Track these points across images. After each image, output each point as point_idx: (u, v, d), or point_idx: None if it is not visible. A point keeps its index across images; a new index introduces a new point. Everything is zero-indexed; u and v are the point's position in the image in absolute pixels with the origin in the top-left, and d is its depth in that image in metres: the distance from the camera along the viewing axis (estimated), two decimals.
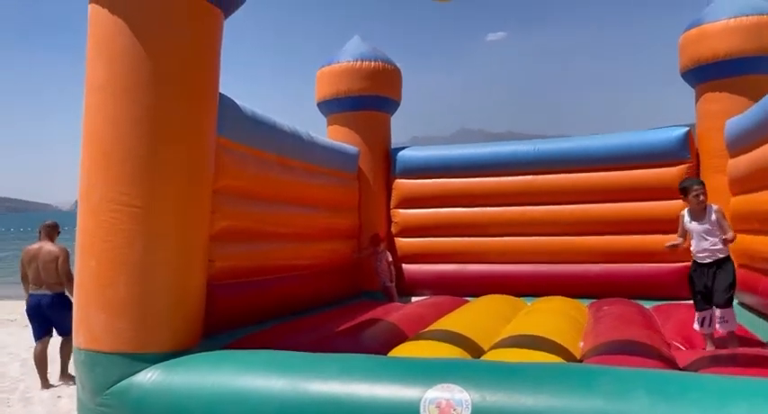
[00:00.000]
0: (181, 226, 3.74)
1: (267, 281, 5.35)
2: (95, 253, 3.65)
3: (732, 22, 6.23)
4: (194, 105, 3.81)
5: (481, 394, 2.91)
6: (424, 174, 7.66)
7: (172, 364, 3.54)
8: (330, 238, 6.69)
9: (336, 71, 7.60)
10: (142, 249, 3.59)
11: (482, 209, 7.41)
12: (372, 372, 3.23)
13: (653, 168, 6.72)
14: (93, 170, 3.71)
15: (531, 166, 7.20)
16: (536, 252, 7.17)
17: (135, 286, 3.58)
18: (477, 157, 7.47)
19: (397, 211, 7.73)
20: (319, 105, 7.92)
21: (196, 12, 3.78)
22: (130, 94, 3.63)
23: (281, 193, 5.50)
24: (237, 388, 3.29)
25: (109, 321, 3.58)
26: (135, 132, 3.62)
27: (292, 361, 3.45)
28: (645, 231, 6.73)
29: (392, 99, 7.89)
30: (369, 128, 7.72)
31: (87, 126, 3.79)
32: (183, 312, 3.77)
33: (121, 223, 3.58)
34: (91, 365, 3.59)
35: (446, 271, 7.47)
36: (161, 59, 3.66)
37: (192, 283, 3.85)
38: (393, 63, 7.88)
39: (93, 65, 3.77)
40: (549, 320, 5.02)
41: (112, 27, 3.67)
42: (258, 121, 5.05)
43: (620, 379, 2.90)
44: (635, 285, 6.65)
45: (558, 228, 7.12)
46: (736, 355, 3.98)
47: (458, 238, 7.48)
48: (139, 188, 3.61)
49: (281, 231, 5.56)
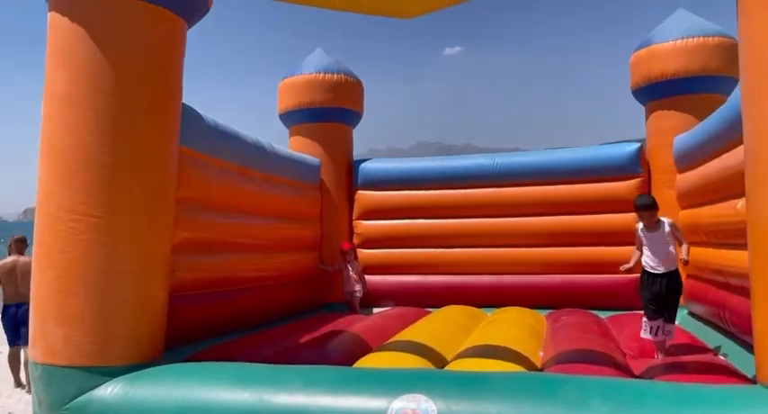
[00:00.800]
0: (142, 236, 3.69)
1: (229, 292, 5.30)
2: (54, 264, 3.57)
3: (679, 42, 6.51)
4: (156, 114, 3.78)
5: (446, 404, 2.97)
6: (386, 185, 7.72)
7: (134, 377, 3.48)
8: (292, 249, 6.68)
9: (299, 83, 7.62)
10: (102, 260, 3.54)
11: (443, 221, 7.51)
12: (338, 383, 3.25)
13: (607, 182, 6.95)
14: (52, 180, 3.64)
15: (491, 179, 7.35)
16: (496, 263, 7.30)
17: (94, 297, 3.51)
18: (439, 170, 7.58)
19: (359, 223, 7.77)
20: (281, 116, 7.92)
21: (159, 21, 3.77)
22: (90, 104, 3.59)
23: (243, 203, 5.47)
24: (203, 401, 3.26)
25: (67, 334, 3.50)
26: (95, 142, 3.58)
27: (258, 373, 3.43)
28: (600, 243, 6.94)
29: (354, 111, 7.95)
30: (331, 139, 7.75)
31: (46, 135, 3.72)
32: (145, 324, 3.71)
33: (80, 233, 3.52)
34: (48, 380, 3.50)
35: (408, 282, 7.53)
36: (122, 69, 3.63)
37: (154, 295, 3.80)
38: (355, 76, 7.96)
39: (53, 74, 3.71)
40: (510, 331, 5.12)
41: (72, 36, 3.63)
42: (220, 131, 5.03)
43: (580, 387, 2.99)
44: (591, 296, 6.83)
45: (516, 239, 7.27)
46: (688, 362, 4.15)
47: (419, 250, 7.56)
48: (99, 198, 3.55)
49: (244, 242, 5.53)
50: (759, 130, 2.85)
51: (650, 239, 4.58)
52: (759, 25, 2.84)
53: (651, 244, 4.57)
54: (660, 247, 4.53)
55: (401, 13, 4.32)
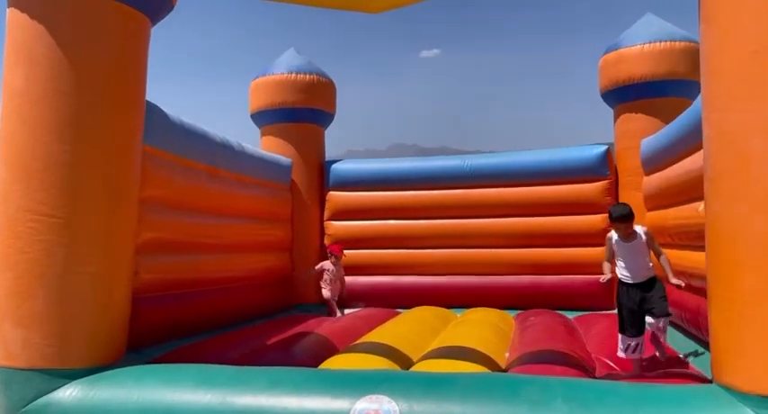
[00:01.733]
0: (104, 237, 3.62)
1: (196, 293, 5.23)
2: (11, 265, 3.48)
3: (647, 46, 6.62)
4: (118, 113, 3.70)
5: (409, 404, 2.96)
6: (357, 186, 7.72)
7: (93, 380, 3.41)
8: (262, 249, 6.63)
9: (271, 83, 7.58)
10: (62, 261, 3.45)
11: (414, 221, 7.53)
12: (301, 384, 3.22)
13: (575, 184, 7.03)
14: (10, 179, 3.54)
15: (462, 181, 7.39)
16: (466, 264, 7.35)
17: (54, 299, 3.43)
18: (410, 171, 7.60)
19: (330, 224, 7.74)
20: (253, 116, 7.86)
21: (121, 18, 3.69)
22: (50, 102, 3.50)
23: (210, 203, 5.41)
24: (165, 402, 3.21)
25: (26, 336, 3.42)
26: (55, 141, 3.49)
27: (220, 374, 3.39)
28: (568, 244, 7.02)
29: (326, 112, 7.93)
30: (303, 140, 7.72)
31: (4, 133, 3.62)
32: (106, 326, 3.64)
33: (40, 234, 3.44)
34: (6, 383, 3.41)
35: (379, 283, 7.53)
36: (83, 66, 3.54)
37: (116, 296, 3.73)
38: (327, 76, 7.93)
39: (12, 70, 3.62)
40: (477, 331, 5.15)
41: (32, 32, 3.54)
42: (186, 130, 4.97)
43: (543, 387, 3.01)
44: (559, 296, 6.91)
45: (486, 240, 7.32)
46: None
47: (390, 251, 7.58)
48: (60, 198, 3.47)
49: (211, 242, 5.47)
50: (718, 135, 2.90)
51: (625, 250, 4.29)
52: (718, 31, 2.89)
53: (626, 255, 4.28)
54: (636, 258, 4.25)
55: (368, 8, 4.30)
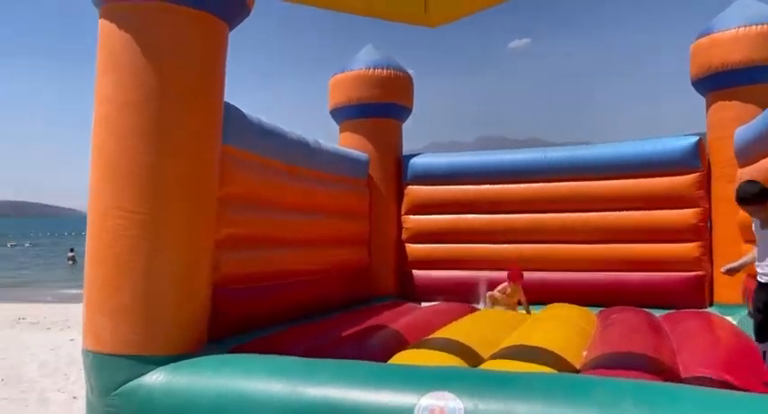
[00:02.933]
0: (185, 233, 3.84)
1: (274, 286, 5.42)
2: (102, 259, 3.77)
3: (742, 30, 6.20)
4: (199, 116, 3.91)
5: (474, 402, 2.96)
6: (434, 180, 7.72)
7: (176, 367, 3.63)
8: (339, 243, 6.77)
9: (348, 79, 7.70)
10: (147, 255, 3.70)
11: (492, 216, 7.44)
12: (367, 378, 3.29)
13: (664, 177, 6.70)
14: (100, 179, 3.83)
15: (542, 174, 7.23)
16: (547, 260, 7.18)
17: (139, 291, 3.69)
18: (488, 164, 7.52)
19: (407, 218, 7.79)
20: (332, 113, 8.02)
21: (200, 25, 3.89)
22: (136, 107, 3.75)
23: (287, 199, 5.59)
24: (238, 391, 3.37)
25: (114, 325, 3.69)
26: (140, 143, 3.74)
27: (291, 366, 3.52)
28: (656, 240, 6.71)
29: (403, 106, 7.96)
30: (380, 135, 7.80)
31: (95, 137, 3.91)
32: (188, 316, 3.86)
33: (126, 230, 3.69)
34: (99, 367, 3.71)
35: (457, 277, 7.51)
36: (166, 72, 3.77)
37: (197, 288, 3.95)
38: (405, 70, 7.96)
39: (102, 78, 3.90)
40: (555, 329, 5.03)
41: (120, 42, 3.80)
42: (264, 130, 5.15)
43: (613, 389, 2.92)
44: (645, 294, 6.62)
45: (567, 235, 7.12)
46: None
47: (468, 245, 7.53)
48: (144, 196, 3.72)
49: (288, 237, 5.64)
50: None
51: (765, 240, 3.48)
52: None
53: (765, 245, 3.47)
54: None
55: (425, 21, 4.26)
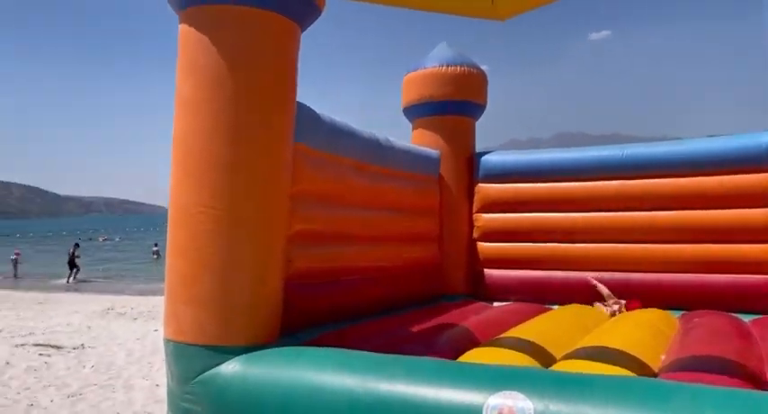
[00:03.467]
0: (260, 228, 3.97)
1: (344, 282, 5.49)
2: (183, 252, 3.94)
3: None
4: (272, 115, 4.03)
5: (545, 404, 2.90)
6: (507, 178, 7.58)
7: (250, 358, 3.75)
8: (410, 241, 6.77)
9: (422, 77, 7.68)
10: (224, 249, 3.84)
11: (567, 214, 7.24)
12: (437, 375, 3.28)
13: (753, 173, 6.32)
14: (181, 176, 4.01)
15: (619, 171, 6.96)
16: (623, 260, 6.91)
17: (217, 283, 3.83)
18: (562, 162, 7.32)
19: (479, 216, 7.70)
20: (405, 111, 8.03)
21: (274, 27, 3.99)
22: (213, 108, 3.90)
23: (358, 196, 5.64)
24: (310, 383, 3.45)
25: (194, 316, 3.85)
26: (217, 142, 3.89)
27: (362, 360, 3.56)
28: (745, 240, 6.34)
29: (477, 103, 7.87)
30: (453, 132, 7.74)
31: (176, 136, 4.10)
32: (262, 308, 3.99)
33: (205, 225, 3.85)
34: (179, 356, 3.88)
35: (529, 277, 7.36)
36: (242, 74, 3.90)
37: (271, 282, 4.07)
38: (478, 67, 7.87)
39: (182, 80, 4.08)
40: (632, 332, 4.84)
41: (199, 45, 3.96)
42: (335, 128, 5.23)
43: (691, 396, 2.79)
44: (733, 297, 6.27)
45: (646, 235, 6.84)
46: None
47: (542, 244, 7.36)
48: (222, 193, 3.87)
49: (359, 234, 5.70)
50: None
51: None
52: None
53: None
54: None
55: (494, 14, 4.18)
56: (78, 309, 14.86)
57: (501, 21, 4.17)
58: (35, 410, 5.98)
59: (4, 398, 6.42)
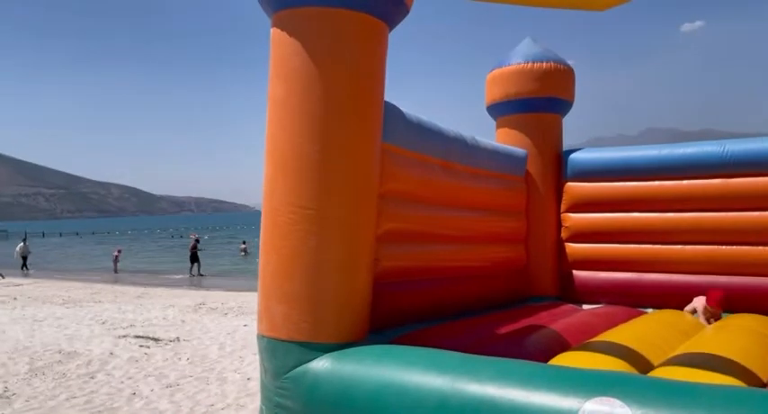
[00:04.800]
0: (349, 227, 4.03)
1: (431, 281, 5.49)
2: (276, 249, 4.06)
3: None
4: (361, 115, 4.08)
5: (644, 411, 2.78)
6: (597, 176, 7.33)
7: (341, 355, 3.82)
8: (496, 241, 6.69)
9: (506, 74, 7.56)
10: (315, 248, 3.93)
11: (661, 214, 6.92)
12: (529, 378, 3.22)
13: None
14: (273, 176, 4.13)
15: (719, 169, 6.57)
16: (722, 262, 6.53)
17: (309, 281, 3.93)
18: (656, 159, 6.99)
19: (567, 216, 7.49)
20: (489, 108, 7.93)
21: (363, 28, 4.05)
22: (304, 108, 4.00)
23: (444, 196, 5.62)
24: (399, 381, 3.47)
25: (286, 312, 3.97)
26: (308, 142, 3.99)
27: (451, 360, 3.55)
28: None
29: (564, 100, 7.65)
30: (539, 130, 7.57)
31: (269, 137, 4.23)
32: (352, 306, 4.05)
33: (297, 224, 3.95)
34: (272, 351, 4.00)
35: (620, 279, 7.09)
36: (331, 75, 3.98)
37: (359, 280, 4.12)
38: (566, 63, 7.65)
39: (273, 82, 4.20)
40: (736, 339, 4.58)
41: (289, 48, 4.07)
42: (422, 127, 5.23)
43: None
44: None
45: (748, 236, 6.42)
46: None
47: (634, 245, 7.07)
48: (313, 192, 3.96)
49: (445, 233, 5.68)
50: None
51: None
52: None
53: None
54: None
55: (594, 5, 4.05)
56: (173, 303, 15.63)
57: (600, 10, 4.05)
58: (137, 399, 6.34)
59: (109, 386, 6.85)
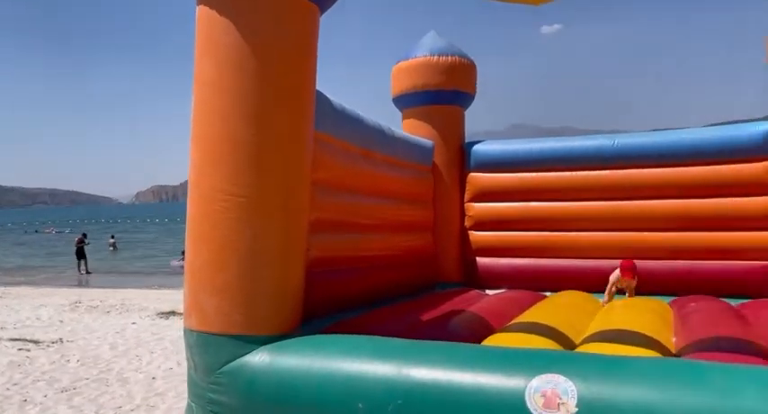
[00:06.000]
0: (285, 215, 3.91)
1: (352, 270, 5.48)
2: (206, 239, 3.85)
3: None
4: (295, 99, 3.95)
5: (586, 385, 2.96)
6: (498, 167, 7.67)
7: (278, 346, 3.71)
8: (409, 230, 6.81)
9: (413, 66, 7.67)
10: (249, 237, 3.78)
11: (558, 203, 7.38)
12: (474, 360, 3.31)
13: (739, 163, 6.56)
14: (202, 162, 3.91)
15: (610, 161, 7.12)
16: (614, 248, 7.08)
17: (243, 272, 3.77)
18: (554, 151, 7.43)
19: (471, 205, 7.78)
20: (395, 100, 8.02)
21: (297, 8, 3.92)
22: (236, 90, 3.80)
23: (365, 184, 5.63)
24: (345, 371, 3.43)
25: (218, 304, 3.78)
26: (241, 126, 3.79)
27: (395, 346, 3.56)
28: (730, 228, 6.59)
29: (467, 93, 7.91)
30: (444, 122, 7.78)
31: (196, 121, 3.99)
32: (287, 297, 3.94)
33: (230, 212, 3.77)
34: (204, 346, 3.81)
35: (521, 265, 7.48)
36: (264, 56, 3.80)
37: (294, 270, 4.02)
38: (468, 57, 7.91)
39: (201, 63, 3.97)
40: (637, 316, 4.99)
41: (220, 26, 3.85)
42: (346, 115, 5.20)
43: (730, 375, 2.90)
44: (719, 282, 6.50)
45: (634, 223, 7.03)
46: None
47: (533, 233, 7.49)
48: (247, 179, 3.78)
49: (367, 223, 5.70)
50: None
51: None
52: None
53: None
54: None
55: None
56: (44, 302, 14.41)
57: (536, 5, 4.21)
58: (30, 405, 5.77)
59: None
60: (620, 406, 2.88)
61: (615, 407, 2.88)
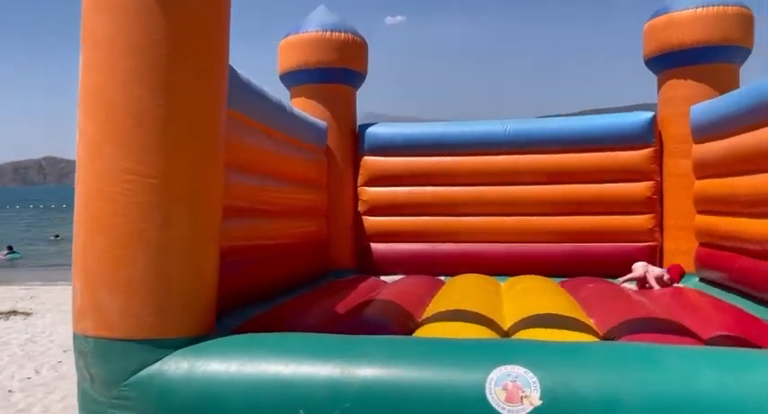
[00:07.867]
0: (199, 200, 3.38)
1: (253, 260, 5.01)
2: (105, 228, 3.22)
3: (700, 11, 6.47)
4: (207, 69, 3.38)
5: (548, 375, 2.85)
6: (392, 151, 7.50)
7: (198, 350, 3.22)
8: (305, 215, 6.43)
9: (303, 41, 7.23)
10: (159, 224, 3.21)
11: (452, 188, 7.37)
12: (426, 355, 3.08)
13: (619, 151, 6.95)
14: (98, 136, 3.26)
15: (502, 146, 7.22)
16: (505, 232, 7.24)
17: (153, 265, 3.20)
18: (447, 136, 7.41)
19: (365, 189, 7.54)
20: (282, 77, 7.53)
21: None
22: (142, 52, 3.20)
23: (270, 166, 5.18)
24: (280, 375, 3.04)
25: (123, 304, 3.19)
26: (148, 95, 3.20)
27: (334, 345, 3.23)
28: (612, 212, 6.97)
29: (359, 72, 7.63)
30: (336, 102, 7.44)
31: (87, 86, 3.33)
32: (202, 293, 3.43)
33: (137, 196, 3.19)
34: (104, 355, 3.20)
35: (416, 250, 7.40)
36: (173, 16, 3.21)
37: (209, 262, 3.50)
38: (359, 34, 7.62)
39: (93, 18, 3.30)
40: (548, 299, 5.05)
41: None
42: (251, 90, 4.70)
43: (684, 357, 2.94)
44: (603, 264, 6.86)
45: (526, 208, 7.21)
46: None
47: (427, 217, 7.42)
48: (156, 158, 3.20)
49: (269, 208, 5.25)
50: None
51: None
52: None
53: None
54: None
55: None
56: None
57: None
58: None
59: None
60: (584, 395, 2.80)
61: (580, 396, 2.80)
